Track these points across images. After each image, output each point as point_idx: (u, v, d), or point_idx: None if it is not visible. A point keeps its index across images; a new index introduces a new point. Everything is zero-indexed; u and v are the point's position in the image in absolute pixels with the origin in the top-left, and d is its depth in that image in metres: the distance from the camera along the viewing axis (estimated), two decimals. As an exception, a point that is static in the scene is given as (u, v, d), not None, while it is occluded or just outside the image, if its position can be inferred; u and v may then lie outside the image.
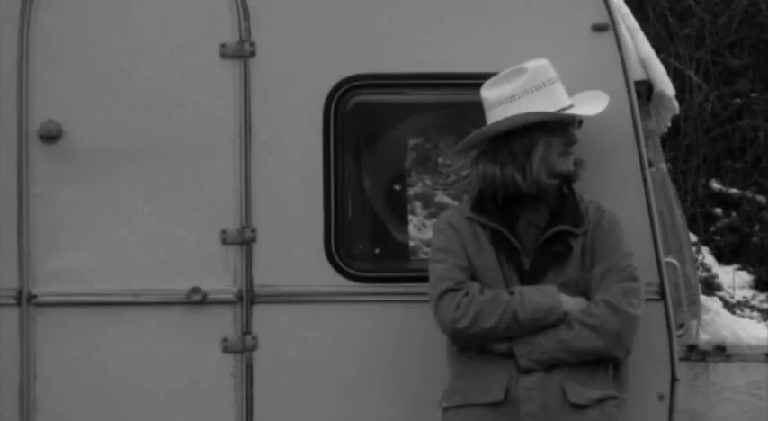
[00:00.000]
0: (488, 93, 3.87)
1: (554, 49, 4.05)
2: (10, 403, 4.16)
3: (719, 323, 6.03)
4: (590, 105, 3.89)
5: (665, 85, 4.63)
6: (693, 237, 8.24)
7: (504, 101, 3.83)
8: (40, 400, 4.17)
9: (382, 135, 4.63)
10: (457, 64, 4.14)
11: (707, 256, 9.07)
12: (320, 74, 4.17)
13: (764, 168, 9.80)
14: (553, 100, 3.82)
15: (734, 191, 9.75)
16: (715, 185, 9.78)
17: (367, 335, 4.13)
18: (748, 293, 8.85)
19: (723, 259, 9.26)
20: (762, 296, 8.85)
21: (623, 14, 4.46)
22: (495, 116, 3.83)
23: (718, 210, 9.68)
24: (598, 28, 4.12)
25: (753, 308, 8.60)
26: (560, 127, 3.83)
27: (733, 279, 8.88)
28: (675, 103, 4.87)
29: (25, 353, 4.16)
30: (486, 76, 3.92)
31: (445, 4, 4.19)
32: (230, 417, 4.15)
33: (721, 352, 5.89)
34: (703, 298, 5.88)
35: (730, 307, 8.10)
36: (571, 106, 3.85)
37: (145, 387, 4.15)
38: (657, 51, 4.75)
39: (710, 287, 8.54)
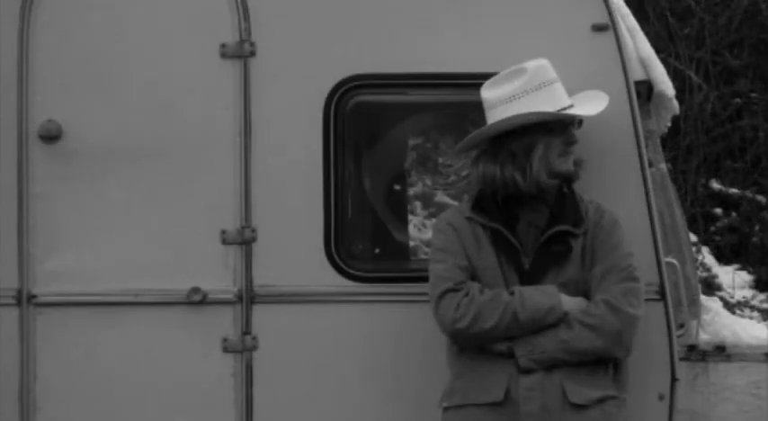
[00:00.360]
0: (488, 93, 3.87)
1: (554, 49, 4.04)
2: (10, 403, 4.16)
3: (719, 323, 6.04)
4: (590, 105, 3.89)
5: (665, 85, 4.63)
6: (693, 237, 8.24)
7: (504, 101, 3.83)
8: (40, 400, 4.17)
9: (382, 135, 4.63)
10: (457, 64, 4.14)
11: (707, 256, 9.07)
12: (320, 74, 4.16)
13: (764, 168, 9.81)
14: (553, 100, 3.82)
15: (734, 191, 9.75)
16: (715, 185, 9.78)
17: (367, 335, 4.13)
18: (748, 293, 8.85)
19: (723, 259, 9.27)
20: (762, 296, 8.85)
21: (623, 14, 4.46)
22: (494, 116, 3.83)
23: (719, 210, 9.68)
24: (598, 28, 4.12)
25: (753, 308, 8.61)
26: (560, 127, 3.83)
27: (733, 279, 8.89)
28: (675, 102, 4.87)
29: (25, 353, 4.16)
30: (486, 76, 3.92)
31: (445, 4, 4.19)
32: (230, 417, 4.15)
33: (721, 352, 5.89)
34: (703, 298, 5.88)
35: (730, 307, 8.11)
36: (571, 106, 3.85)
37: (145, 387, 4.15)
38: (657, 51, 4.75)
39: (710, 287, 8.54)
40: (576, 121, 3.86)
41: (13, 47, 4.20)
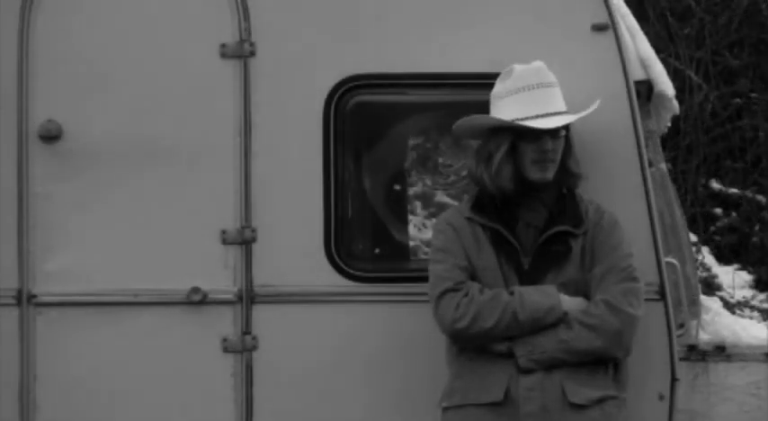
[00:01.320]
0: (493, 89, 3.88)
1: (554, 48, 4.05)
2: (10, 403, 4.16)
3: (719, 323, 6.04)
4: (568, 117, 3.84)
5: (665, 85, 4.63)
6: (693, 237, 8.24)
7: (493, 98, 3.85)
8: (39, 400, 4.17)
9: (382, 135, 4.62)
10: (457, 64, 4.14)
11: (707, 256, 9.07)
12: (320, 74, 4.16)
13: (764, 168, 9.81)
14: (531, 105, 3.76)
15: (734, 191, 9.75)
16: (715, 185, 9.78)
17: (367, 335, 4.13)
18: (748, 293, 8.86)
19: (723, 259, 9.27)
20: (762, 296, 8.85)
21: (623, 14, 4.46)
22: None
23: (719, 210, 9.68)
24: (598, 28, 4.12)
25: (753, 308, 8.61)
26: (533, 134, 3.78)
27: (733, 279, 8.89)
28: (675, 103, 4.87)
29: (25, 353, 4.16)
30: (486, 77, 3.93)
31: (445, 4, 4.19)
32: (230, 417, 4.15)
33: (721, 352, 5.89)
34: (703, 298, 5.89)
35: (730, 307, 8.11)
36: (550, 114, 3.78)
37: (144, 387, 4.15)
38: (657, 51, 4.75)
39: (710, 287, 8.54)
40: (560, 130, 3.82)
41: (13, 47, 4.20)
